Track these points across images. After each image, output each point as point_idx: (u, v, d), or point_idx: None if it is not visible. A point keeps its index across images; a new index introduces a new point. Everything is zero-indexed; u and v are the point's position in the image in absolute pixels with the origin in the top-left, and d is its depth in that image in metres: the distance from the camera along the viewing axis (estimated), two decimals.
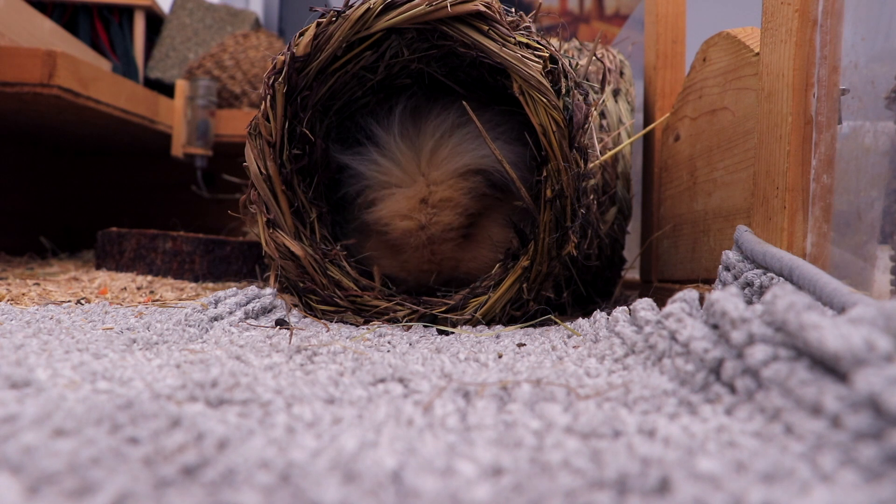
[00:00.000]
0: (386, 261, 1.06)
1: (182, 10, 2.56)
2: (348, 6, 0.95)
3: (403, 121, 1.03)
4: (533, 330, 0.94)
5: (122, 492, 0.32)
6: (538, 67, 0.92)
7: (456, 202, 0.99)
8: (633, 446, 0.40)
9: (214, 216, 2.35)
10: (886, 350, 0.38)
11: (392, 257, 1.05)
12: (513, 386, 0.53)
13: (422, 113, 1.04)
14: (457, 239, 1.02)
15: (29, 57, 1.42)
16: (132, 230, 1.52)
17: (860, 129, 0.75)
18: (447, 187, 0.99)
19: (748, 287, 0.75)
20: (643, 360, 0.61)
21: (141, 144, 2.17)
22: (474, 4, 0.92)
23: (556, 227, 0.97)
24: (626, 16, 3.40)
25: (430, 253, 1.01)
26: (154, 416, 0.42)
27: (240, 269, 1.50)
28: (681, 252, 1.16)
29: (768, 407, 0.44)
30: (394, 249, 1.04)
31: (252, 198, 1.04)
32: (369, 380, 0.57)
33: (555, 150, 0.93)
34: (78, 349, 0.66)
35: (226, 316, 0.91)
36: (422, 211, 0.99)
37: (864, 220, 0.74)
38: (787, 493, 0.33)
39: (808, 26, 0.75)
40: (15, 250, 2.02)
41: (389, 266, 1.05)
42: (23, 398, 0.47)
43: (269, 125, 1.00)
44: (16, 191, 2.13)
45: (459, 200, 0.99)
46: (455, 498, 0.33)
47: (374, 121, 1.05)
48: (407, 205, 1.00)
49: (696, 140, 1.10)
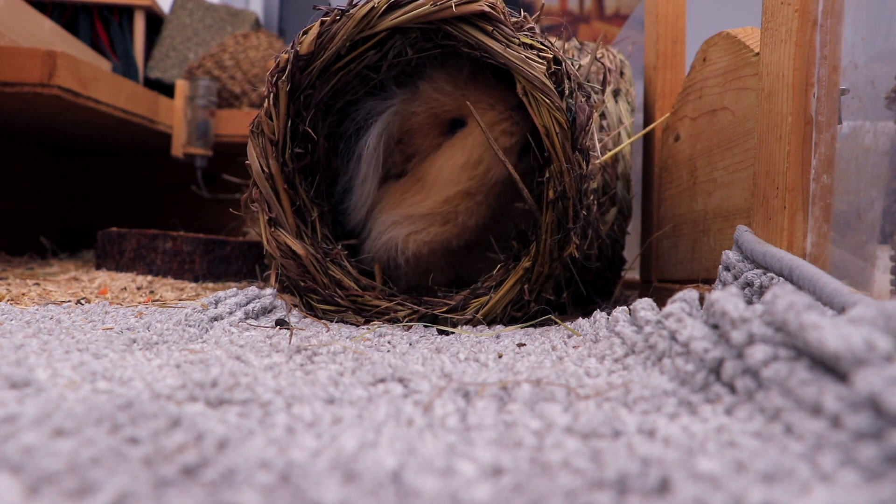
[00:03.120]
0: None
1: (182, 10, 2.56)
2: (352, 5, 0.95)
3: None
4: (533, 330, 0.94)
5: (122, 492, 0.32)
6: (542, 69, 0.92)
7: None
8: (633, 446, 0.40)
9: (214, 216, 2.35)
10: (886, 350, 0.38)
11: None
12: (513, 386, 0.53)
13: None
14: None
15: (29, 57, 1.42)
16: (132, 230, 1.52)
17: (860, 129, 0.75)
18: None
19: (748, 287, 0.75)
20: (643, 360, 0.61)
21: (141, 144, 2.17)
22: (479, 5, 0.92)
23: (557, 228, 0.97)
24: (626, 16, 3.40)
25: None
26: (154, 416, 0.42)
27: (240, 269, 1.50)
28: (681, 252, 1.16)
29: (768, 407, 0.44)
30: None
31: (254, 196, 1.04)
32: (369, 380, 0.57)
33: (557, 151, 0.93)
34: (78, 349, 0.66)
35: (226, 316, 0.91)
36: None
37: (864, 220, 0.74)
38: (787, 493, 0.33)
39: (808, 26, 0.75)
40: (15, 250, 2.02)
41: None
42: (23, 398, 0.47)
43: (272, 123, 1.00)
44: (16, 191, 2.13)
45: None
46: (455, 498, 0.33)
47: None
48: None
49: (696, 140, 1.10)
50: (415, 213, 1.00)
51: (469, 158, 0.98)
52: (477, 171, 0.97)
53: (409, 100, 1.02)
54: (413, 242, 1.00)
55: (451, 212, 0.99)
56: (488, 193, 0.99)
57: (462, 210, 0.99)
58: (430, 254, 1.02)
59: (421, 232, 0.99)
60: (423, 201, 1.00)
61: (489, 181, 0.98)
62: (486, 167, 0.97)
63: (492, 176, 0.98)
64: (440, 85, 1.01)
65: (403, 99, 1.02)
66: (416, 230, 1.00)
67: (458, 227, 0.99)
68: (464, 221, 0.99)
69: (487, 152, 0.97)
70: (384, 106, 1.02)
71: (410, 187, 1.02)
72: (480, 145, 0.97)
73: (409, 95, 1.03)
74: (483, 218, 1.01)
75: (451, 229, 0.99)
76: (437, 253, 1.02)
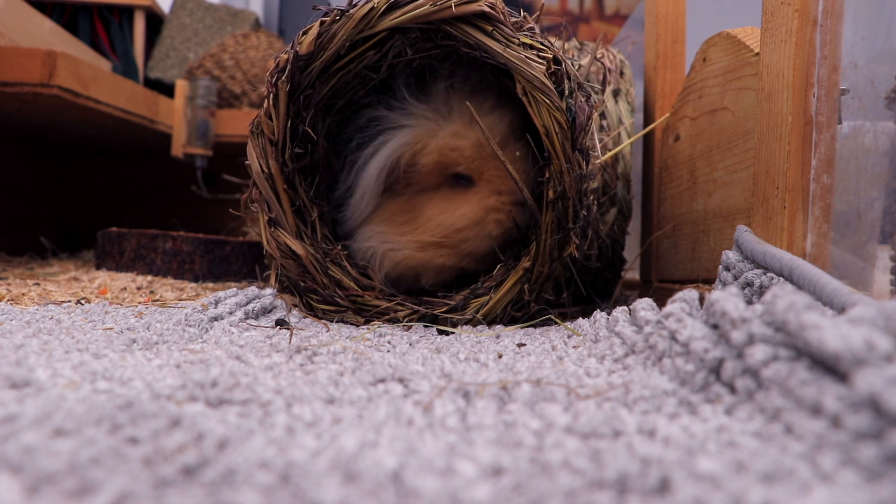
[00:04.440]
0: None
1: (182, 10, 2.56)
2: (352, 5, 0.95)
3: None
4: (533, 330, 0.94)
5: (122, 492, 0.32)
6: (542, 69, 0.92)
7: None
8: (633, 446, 0.40)
9: (214, 216, 2.35)
10: (886, 350, 0.38)
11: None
12: (513, 386, 0.53)
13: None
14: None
15: (29, 57, 1.42)
16: (132, 230, 1.52)
17: (860, 129, 0.75)
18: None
19: (748, 287, 0.75)
20: (643, 360, 0.61)
21: (141, 144, 2.17)
22: (478, 5, 0.92)
23: (557, 228, 0.97)
24: (626, 16, 3.40)
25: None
26: (154, 416, 0.42)
27: (240, 269, 1.50)
28: (681, 252, 1.16)
29: (768, 407, 0.44)
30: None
31: (254, 196, 1.04)
32: (369, 380, 0.57)
33: (557, 151, 0.93)
34: (78, 349, 0.66)
35: (226, 316, 0.91)
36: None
37: (864, 220, 0.74)
38: (787, 493, 0.33)
39: (808, 26, 0.75)
40: (15, 250, 2.02)
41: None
42: (23, 398, 0.47)
43: (272, 124, 1.00)
44: (16, 191, 2.13)
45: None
46: (455, 498, 0.33)
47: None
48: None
49: (696, 140, 1.10)
50: (397, 237, 1.03)
51: (456, 224, 1.00)
52: (457, 237, 1.01)
53: (424, 135, 1.00)
54: (389, 260, 1.03)
55: (424, 256, 1.02)
56: (463, 257, 1.03)
57: (435, 257, 1.02)
58: (405, 272, 1.04)
59: (398, 252, 1.03)
60: (408, 233, 1.03)
61: (464, 250, 1.02)
62: (465, 238, 1.01)
63: (466, 247, 1.01)
64: (464, 144, 1.00)
65: (415, 130, 1.00)
66: (394, 248, 1.03)
67: (430, 266, 1.03)
68: (437, 264, 1.03)
69: (473, 228, 1.00)
70: (397, 123, 1.01)
71: (402, 213, 1.04)
72: (470, 218, 1.00)
73: (423, 126, 1.00)
74: (454, 269, 1.04)
75: (424, 261, 1.02)
76: (408, 275, 1.05)
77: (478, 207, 1.00)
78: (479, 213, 1.00)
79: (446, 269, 1.03)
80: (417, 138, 1.00)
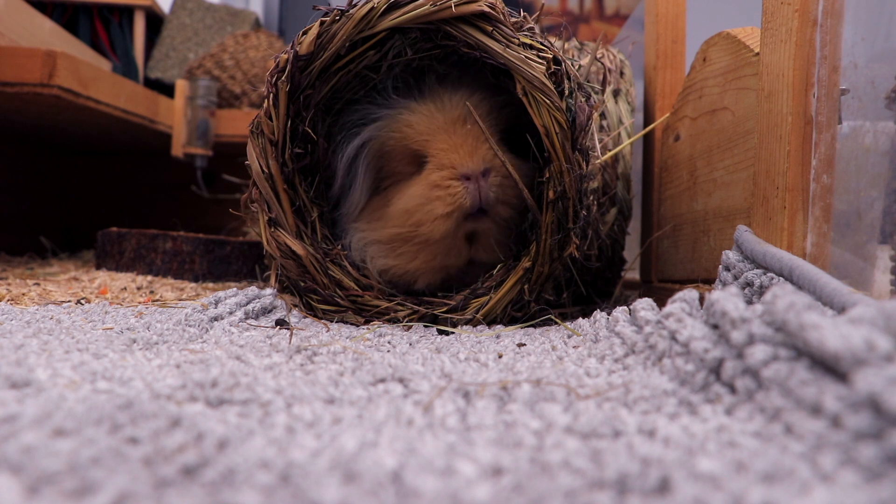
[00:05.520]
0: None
1: (182, 10, 2.56)
2: (352, 5, 0.95)
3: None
4: (533, 330, 0.94)
5: (122, 492, 0.32)
6: (542, 69, 0.92)
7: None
8: (633, 446, 0.40)
9: (214, 216, 2.35)
10: (886, 350, 0.38)
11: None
12: (513, 386, 0.53)
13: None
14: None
15: (29, 57, 1.42)
16: (132, 230, 1.52)
17: (860, 129, 0.75)
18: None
19: (748, 287, 0.75)
20: (643, 360, 0.61)
21: (141, 144, 2.17)
22: (478, 5, 0.92)
23: (557, 228, 0.97)
24: (626, 16, 3.40)
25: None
26: (154, 416, 0.42)
27: (240, 269, 1.50)
28: (681, 252, 1.16)
29: (768, 407, 0.44)
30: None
31: (254, 196, 1.04)
32: (369, 380, 0.57)
33: (557, 151, 0.93)
34: (78, 349, 0.66)
35: (226, 316, 0.91)
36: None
37: (864, 220, 0.74)
38: (787, 493, 0.33)
39: (808, 26, 0.75)
40: (15, 250, 2.02)
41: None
42: (23, 398, 0.47)
43: (272, 124, 1.00)
44: (16, 191, 2.13)
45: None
46: (455, 498, 0.33)
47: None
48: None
49: (696, 140, 1.10)
50: (375, 237, 1.02)
51: (406, 206, 0.97)
52: (410, 221, 0.97)
53: (393, 118, 0.99)
54: (376, 265, 1.02)
55: (395, 249, 1.00)
56: (423, 245, 0.98)
57: (403, 251, 0.99)
58: (392, 279, 1.03)
59: (378, 259, 1.02)
60: (382, 229, 1.01)
61: (420, 235, 0.97)
62: (417, 221, 0.97)
63: (423, 231, 0.96)
64: (417, 118, 0.98)
65: (388, 116, 0.99)
66: (378, 255, 1.02)
67: (405, 266, 1.00)
68: (406, 262, 1.00)
69: (421, 209, 0.96)
70: (376, 115, 1.01)
71: (379, 209, 1.02)
72: (418, 198, 0.96)
73: (395, 113, 0.99)
74: (427, 264, 1.00)
75: (402, 265, 1.01)
76: (398, 281, 1.03)
77: (422, 186, 0.96)
78: (424, 191, 0.96)
79: (418, 260, 1.00)
80: (385, 123, 0.99)
